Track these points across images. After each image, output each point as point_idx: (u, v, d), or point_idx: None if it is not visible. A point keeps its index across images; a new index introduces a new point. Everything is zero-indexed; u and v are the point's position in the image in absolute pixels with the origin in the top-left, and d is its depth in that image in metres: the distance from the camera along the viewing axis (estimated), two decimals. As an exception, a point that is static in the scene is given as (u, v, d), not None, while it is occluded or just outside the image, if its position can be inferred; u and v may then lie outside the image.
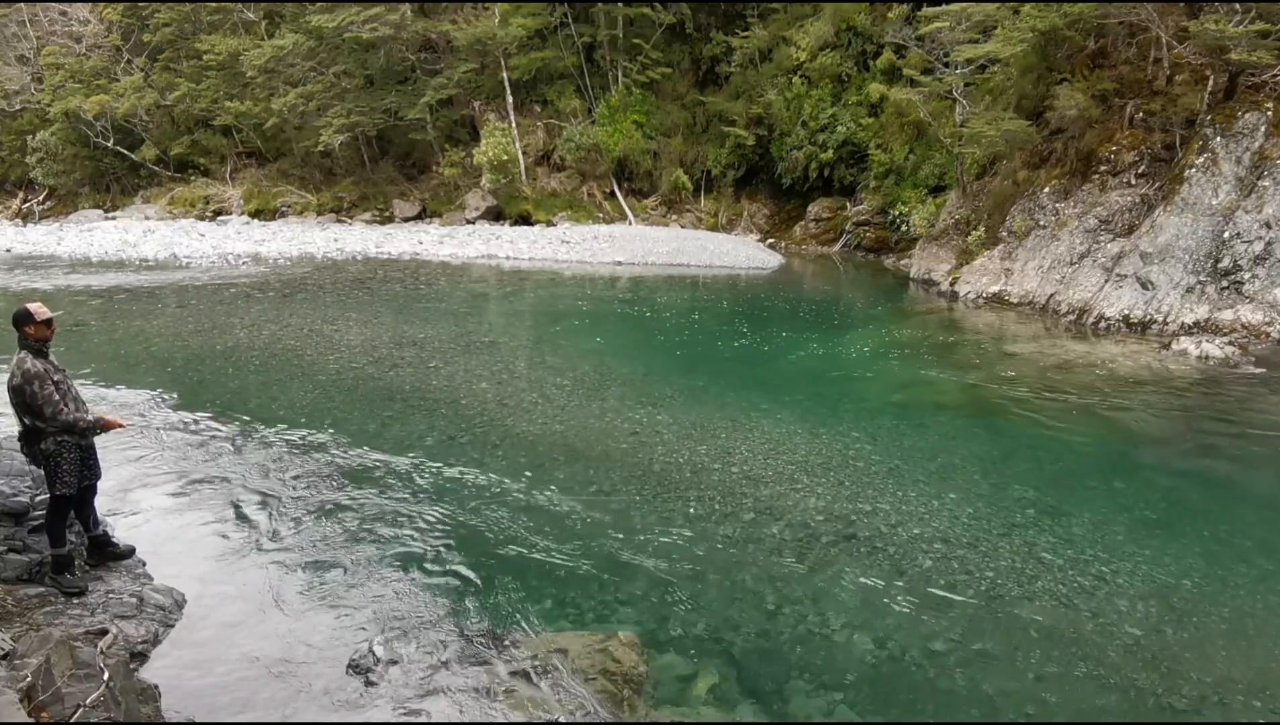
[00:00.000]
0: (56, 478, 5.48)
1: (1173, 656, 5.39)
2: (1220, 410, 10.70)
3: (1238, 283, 14.21)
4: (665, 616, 5.82)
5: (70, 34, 43.79)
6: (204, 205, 39.08)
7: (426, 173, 38.53)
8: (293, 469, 8.32)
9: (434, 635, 5.43)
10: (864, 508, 7.57)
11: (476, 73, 34.38)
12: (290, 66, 36.21)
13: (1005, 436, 9.73)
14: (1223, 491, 8.27)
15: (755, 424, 9.88)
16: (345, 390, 11.34)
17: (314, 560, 6.47)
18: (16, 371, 5.31)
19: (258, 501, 7.53)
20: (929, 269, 21.47)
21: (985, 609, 5.94)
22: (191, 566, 6.30)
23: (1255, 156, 14.93)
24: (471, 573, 6.33)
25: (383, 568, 6.37)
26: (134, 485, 7.82)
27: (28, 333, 5.39)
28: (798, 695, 5.05)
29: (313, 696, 4.79)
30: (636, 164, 34.10)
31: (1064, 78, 18.83)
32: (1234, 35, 14.36)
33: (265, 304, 18.33)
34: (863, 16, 29.25)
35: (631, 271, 25.14)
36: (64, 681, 3.90)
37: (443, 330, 15.48)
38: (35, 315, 5.39)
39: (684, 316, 17.47)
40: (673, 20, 33.25)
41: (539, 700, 4.72)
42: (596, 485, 8.05)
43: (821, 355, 13.94)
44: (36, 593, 5.44)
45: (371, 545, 6.73)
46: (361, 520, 7.18)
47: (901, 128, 27.32)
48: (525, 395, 11.14)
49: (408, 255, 27.94)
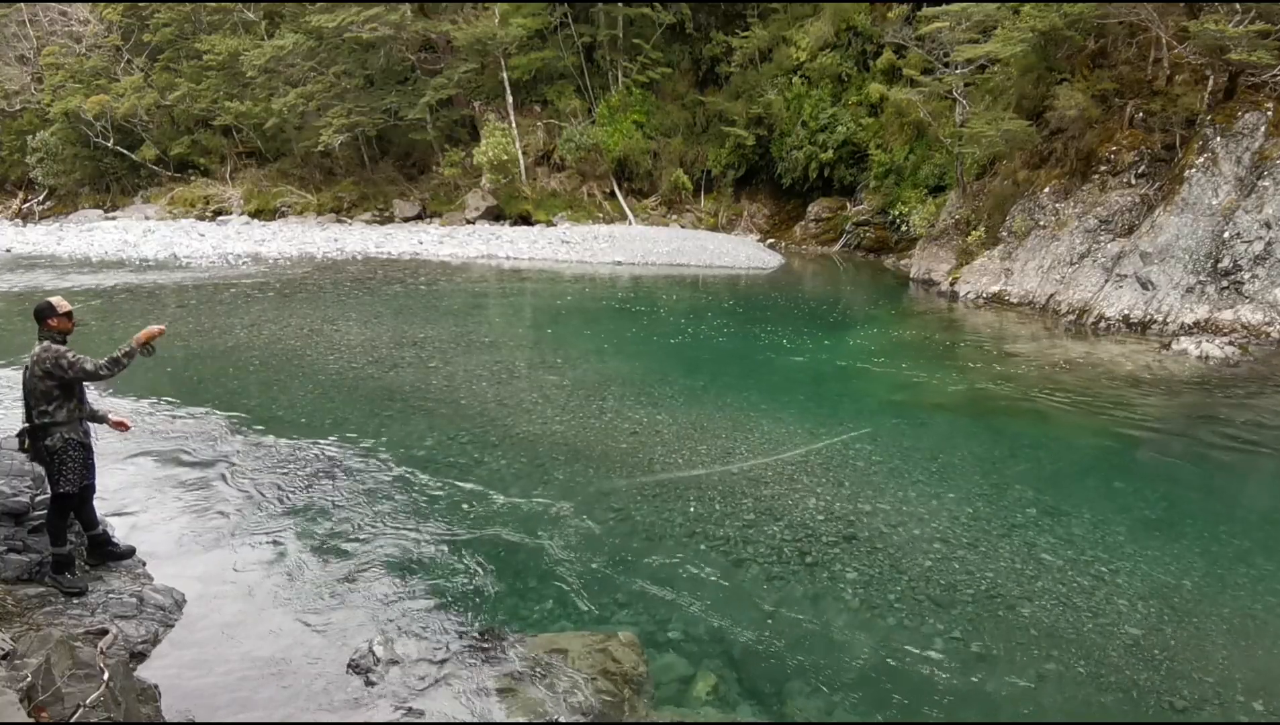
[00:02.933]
0: (60, 475, 5.50)
1: (1173, 656, 5.39)
2: (1220, 410, 10.70)
3: (1238, 283, 14.21)
4: (665, 617, 5.82)
5: (70, 34, 43.80)
6: (204, 205, 39.07)
7: (426, 173, 38.53)
8: (292, 469, 8.32)
9: (434, 635, 5.43)
10: (864, 508, 7.57)
11: (476, 73, 34.37)
12: (290, 66, 36.21)
13: (1005, 436, 9.73)
14: (1223, 492, 8.27)
15: (755, 424, 9.88)
16: (345, 390, 11.34)
17: (314, 560, 6.47)
18: (45, 354, 5.42)
19: (258, 501, 7.53)
20: (929, 269, 21.46)
21: (985, 609, 5.94)
22: (191, 566, 6.30)
23: (1255, 156, 14.93)
24: (471, 573, 6.33)
25: (382, 568, 6.37)
26: (134, 485, 7.82)
27: (50, 325, 5.54)
28: (797, 695, 5.05)
29: (313, 696, 4.79)
30: (636, 164, 34.10)
31: (1064, 78, 18.83)
32: (1234, 35, 14.35)
33: (265, 304, 18.33)
34: (863, 16, 29.26)
35: (631, 271, 25.14)
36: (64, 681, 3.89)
37: (443, 330, 15.48)
38: (57, 308, 5.57)
39: (684, 316, 17.47)
40: (673, 20, 33.25)
41: (539, 700, 4.72)
42: (596, 485, 8.05)
43: (821, 355, 13.93)
44: (36, 593, 5.44)
45: (371, 545, 6.73)
46: (361, 520, 7.18)
47: (901, 128, 27.32)
48: (525, 395, 11.14)
49: (408, 255, 27.94)
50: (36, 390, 5.46)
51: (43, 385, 5.44)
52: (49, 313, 5.54)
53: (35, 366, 5.43)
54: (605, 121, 33.90)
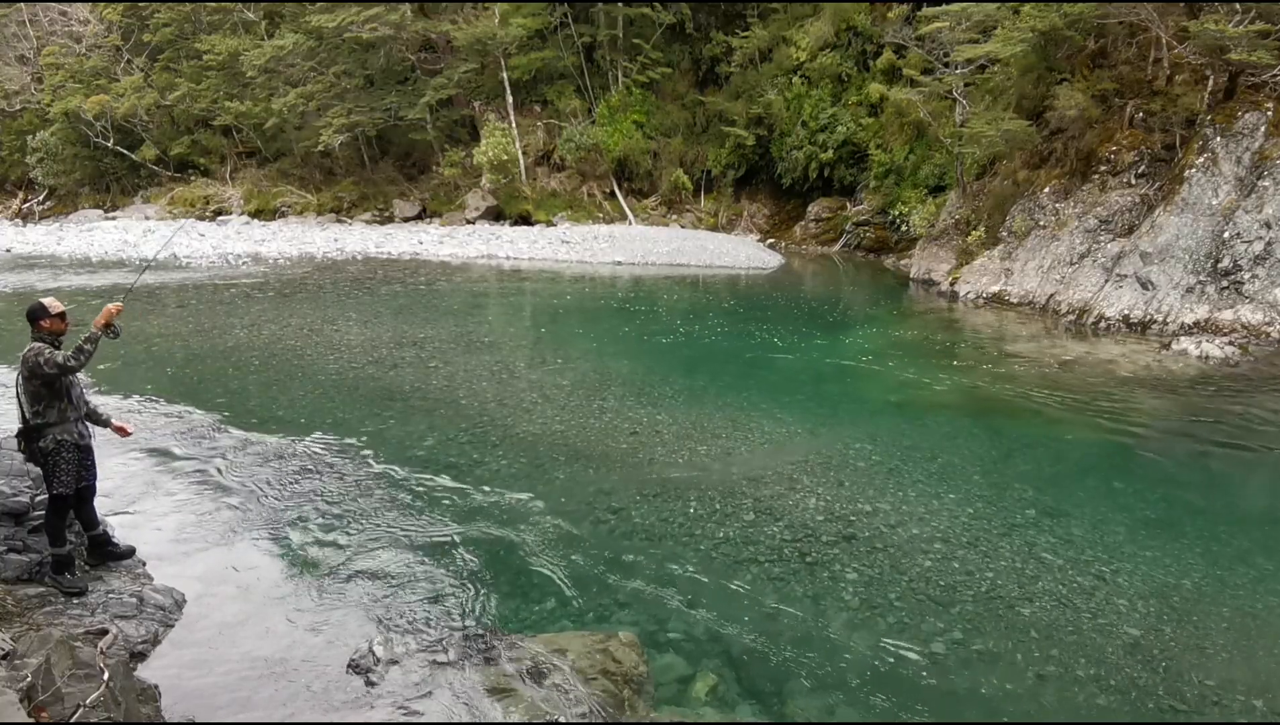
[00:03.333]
0: (54, 476, 5.50)
1: (1173, 656, 5.39)
2: (1220, 410, 10.69)
3: (1238, 283, 14.21)
4: (665, 617, 5.82)
5: (70, 34, 43.79)
6: (204, 205, 39.07)
7: (426, 173, 38.51)
8: (292, 469, 8.32)
9: (434, 635, 5.43)
10: (864, 508, 7.57)
11: (476, 73, 34.37)
12: (290, 66, 36.21)
13: (1005, 436, 9.73)
14: (1223, 492, 8.27)
15: (755, 424, 9.88)
16: (345, 390, 11.34)
17: (314, 560, 6.47)
18: (28, 354, 5.39)
19: (258, 501, 7.53)
20: (929, 269, 21.46)
21: (985, 609, 5.94)
22: (191, 566, 6.30)
23: (1255, 156, 14.93)
24: (471, 573, 6.33)
25: (383, 567, 6.37)
26: (134, 485, 7.82)
27: (43, 327, 5.50)
28: (798, 695, 5.04)
29: (313, 696, 4.78)
30: (636, 164, 34.09)
31: (1064, 78, 18.83)
32: (1234, 35, 14.35)
33: (265, 304, 18.33)
34: (863, 16, 29.25)
35: (631, 271, 25.13)
36: (64, 681, 3.89)
37: (443, 330, 15.48)
38: (50, 308, 5.52)
39: (684, 316, 17.47)
40: (673, 20, 33.24)
41: (539, 700, 4.71)
42: (596, 485, 8.04)
43: (821, 355, 13.93)
44: (36, 593, 5.44)
45: (371, 545, 6.73)
46: (361, 520, 7.18)
47: (901, 128, 27.31)
48: (525, 395, 11.14)
49: (408, 255, 27.94)
50: (25, 391, 5.46)
51: (29, 386, 5.44)
52: (41, 314, 5.50)
53: (22, 367, 5.44)
54: (605, 121, 33.89)
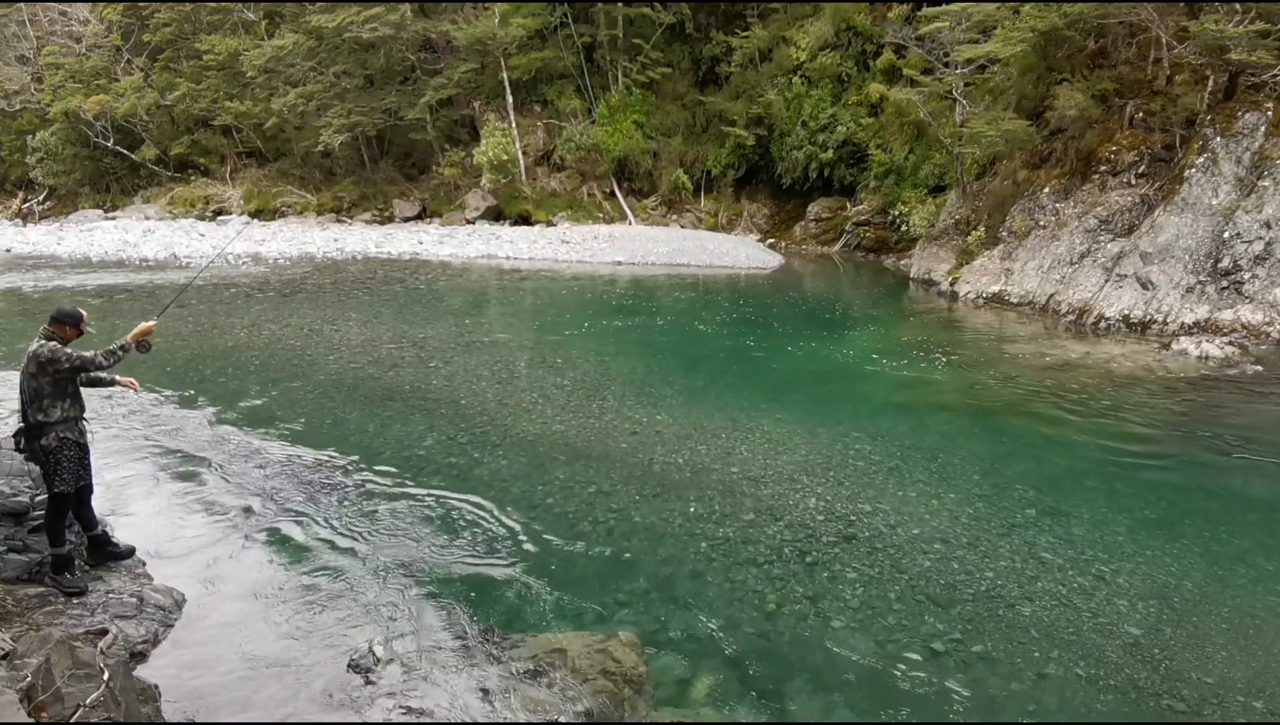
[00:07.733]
0: (55, 475, 5.50)
1: (1173, 656, 5.39)
2: (1220, 410, 10.69)
3: (1238, 283, 14.21)
4: (665, 616, 5.82)
5: (70, 34, 43.77)
6: (204, 205, 39.09)
7: (426, 173, 38.52)
8: (292, 469, 8.32)
9: (434, 635, 5.43)
10: (864, 508, 7.57)
11: (476, 73, 34.36)
12: (290, 66, 36.20)
13: (1005, 436, 9.73)
14: (1223, 492, 8.27)
15: (755, 424, 9.87)
16: (345, 390, 11.34)
17: (314, 560, 6.47)
18: (40, 349, 5.40)
19: (258, 501, 7.52)
20: (929, 269, 21.46)
21: (985, 609, 5.94)
22: (191, 566, 6.30)
23: (1255, 156, 14.93)
24: (471, 573, 6.33)
25: (383, 568, 6.37)
26: (134, 485, 7.82)
27: (67, 332, 5.59)
28: (797, 695, 5.04)
29: (313, 696, 4.79)
30: (636, 164, 34.09)
31: (1064, 78, 18.82)
32: (1234, 35, 14.35)
33: (265, 304, 18.33)
34: (863, 16, 29.24)
35: (631, 271, 25.13)
36: (64, 681, 3.89)
37: (443, 330, 15.47)
38: (84, 320, 5.70)
39: (684, 316, 17.47)
40: (673, 20, 33.23)
41: (539, 700, 4.72)
42: (596, 485, 8.04)
43: (821, 355, 13.93)
44: (36, 593, 5.44)
45: (371, 545, 6.73)
46: (361, 520, 7.18)
47: (901, 128, 27.31)
48: (525, 395, 11.14)
49: (408, 255, 27.94)
50: (29, 388, 5.46)
51: (35, 382, 5.43)
52: (75, 321, 5.60)
53: (29, 362, 5.43)
54: (605, 121, 33.89)
